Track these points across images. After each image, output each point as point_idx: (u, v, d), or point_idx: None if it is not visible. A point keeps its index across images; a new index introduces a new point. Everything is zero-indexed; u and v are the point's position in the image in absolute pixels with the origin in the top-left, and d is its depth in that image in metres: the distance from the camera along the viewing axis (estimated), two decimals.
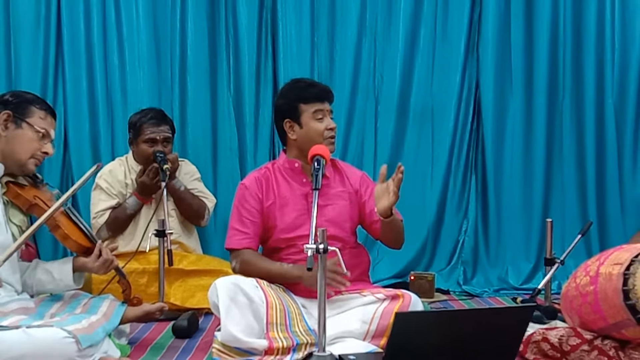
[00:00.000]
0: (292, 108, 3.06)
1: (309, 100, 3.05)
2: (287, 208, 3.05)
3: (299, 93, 3.08)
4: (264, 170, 3.16)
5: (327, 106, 3.09)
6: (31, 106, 2.68)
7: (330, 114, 3.09)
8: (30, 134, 2.65)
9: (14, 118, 2.62)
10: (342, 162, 3.29)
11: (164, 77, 4.28)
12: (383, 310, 2.81)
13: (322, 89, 3.13)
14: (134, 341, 3.02)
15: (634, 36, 4.35)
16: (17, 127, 2.63)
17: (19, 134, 2.63)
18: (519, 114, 4.40)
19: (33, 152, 2.66)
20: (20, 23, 4.18)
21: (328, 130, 3.04)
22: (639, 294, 2.44)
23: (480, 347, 2.32)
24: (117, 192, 3.77)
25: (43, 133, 2.67)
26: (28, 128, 2.64)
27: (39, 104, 2.72)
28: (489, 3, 4.35)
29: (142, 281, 3.49)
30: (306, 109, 3.05)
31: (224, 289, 2.77)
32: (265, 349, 2.68)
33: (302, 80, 3.22)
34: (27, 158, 2.65)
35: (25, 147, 2.64)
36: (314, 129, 3.04)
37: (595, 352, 2.56)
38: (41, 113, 2.69)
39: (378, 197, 2.79)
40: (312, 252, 2.47)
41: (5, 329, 2.28)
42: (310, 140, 3.03)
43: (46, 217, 2.58)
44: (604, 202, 4.40)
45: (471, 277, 4.38)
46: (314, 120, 3.04)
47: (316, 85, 3.17)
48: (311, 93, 3.07)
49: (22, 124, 2.64)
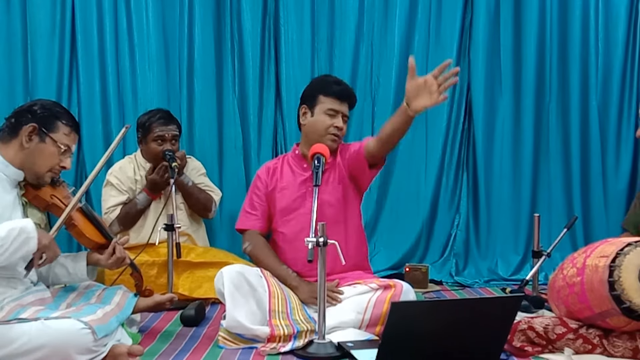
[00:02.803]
0: (312, 96, 3.08)
1: (329, 93, 3.05)
2: (287, 191, 3.09)
3: (324, 85, 3.10)
4: (276, 160, 3.25)
5: (344, 108, 3.07)
6: (57, 121, 2.59)
7: (345, 117, 3.08)
8: (52, 149, 2.57)
9: (39, 132, 2.54)
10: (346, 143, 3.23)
11: (172, 79, 4.27)
12: (376, 300, 2.81)
13: (347, 89, 3.12)
14: (144, 329, 3.01)
15: (617, 41, 4.34)
16: (40, 141, 2.55)
17: (41, 148, 2.56)
18: (508, 114, 4.39)
19: (52, 166, 2.60)
20: (37, 30, 4.17)
21: (334, 127, 3.03)
22: (623, 285, 2.44)
23: (472, 334, 2.32)
24: (127, 188, 3.77)
25: (64, 149, 2.60)
26: (51, 143, 2.56)
27: (66, 119, 2.62)
28: (480, 9, 4.34)
29: (152, 272, 3.48)
30: (324, 101, 3.05)
31: (229, 277, 2.78)
32: (268, 336, 2.68)
33: (332, 77, 3.21)
34: (45, 172, 2.59)
35: (45, 162, 2.58)
36: (321, 121, 3.04)
37: (580, 340, 2.56)
38: (66, 129, 2.61)
39: (413, 95, 2.66)
40: (312, 245, 2.48)
41: (24, 321, 2.27)
42: (314, 131, 3.04)
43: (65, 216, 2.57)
44: (588, 197, 4.39)
45: (463, 268, 4.37)
46: (325, 115, 3.04)
47: (343, 84, 3.14)
48: (334, 89, 3.07)
49: (46, 138, 2.56)
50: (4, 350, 2.21)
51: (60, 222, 2.57)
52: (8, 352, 2.21)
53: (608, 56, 4.35)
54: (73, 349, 2.24)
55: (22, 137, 2.53)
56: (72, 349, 2.24)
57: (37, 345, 2.22)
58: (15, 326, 2.25)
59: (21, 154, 2.55)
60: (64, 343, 2.23)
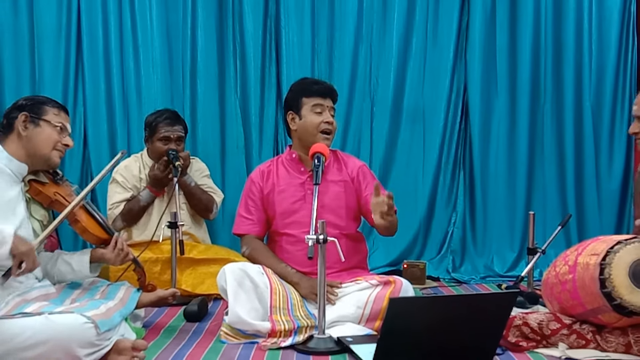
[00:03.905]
0: (295, 101, 3.07)
1: (311, 94, 3.04)
2: (285, 194, 3.06)
3: (303, 87, 3.09)
4: (269, 163, 3.20)
5: (328, 102, 3.06)
6: (44, 105, 2.67)
7: (332, 111, 3.07)
8: (49, 129, 2.64)
9: (31, 118, 2.61)
10: (343, 152, 3.27)
11: (176, 80, 4.27)
12: (376, 296, 2.81)
13: (325, 86, 3.11)
14: (148, 324, 3.01)
15: (610, 44, 4.35)
16: (35, 126, 2.62)
17: (38, 132, 2.62)
18: (504, 114, 4.39)
19: (54, 144, 2.64)
20: (44, 32, 4.16)
21: (324, 123, 3.01)
22: (614, 282, 2.44)
23: (468, 329, 2.32)
24: (132, 186, 3.77)
25: (60, 127, 2.66)
26: (46, 125, 2.63)
27: (51, 102, 2.71)
28: (476, 12, 4.34)
29: (156, 269, 3.48)
30: (307, 102, 3.04)
31: (231, 274, 2.78)
32: (269, 331, 2.68)
33: (309, 78, 3.22)
34: (50, 151, 2.64)
35: (46, 142, 2.63)
36: (310, 120, 3.02)
37: (574, 336, 2.56)
38: (54, 110, 2.68)
39: (374, 210, 2.72)
40: (312, 242, 2.49)
41: (29, 315, 2.27)
42: (306, 132, 3.03)
43: (66, 212, 2.57)
44: (582, 196, 4.39)
45: (459, 265, 4.37)
46: (313, 113, 3.02)
47: (320, 83, 3.14)
48: (314, 88, 3.06)
49: (40, 122, 2.63)
50: (8, 344, 2.21)
51: (61, 218, 2.57)
52: (12, 345, 2.21)
53: (601, 58, 4.36)
54: (76, 343, 2.24)
55: (18, 128, 2.60)
56: (75, 343, 2.24)
57: (41, 339, 2.21)
58: (19, 320, 2.24)
59: (22, 143, 2.60)
60: (67, 337, 2.23)
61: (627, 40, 4.35)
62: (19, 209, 2.54)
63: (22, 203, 2.58)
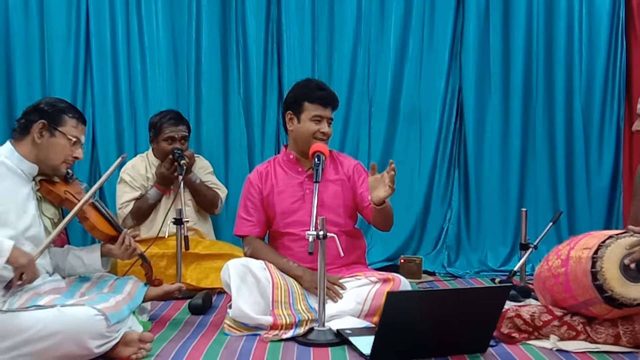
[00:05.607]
0: (297, 103, 3.03)
1: (314, 101, 3.00)
2: (284, 194, 3.05)
3: (307, 92, 3.03)
4: (266, 164, 3.17)
5: (328, 113, 3.03)
6: (64, 115, 2.59)
7: (329, 121, 3.05)
8: (63, 142, 2.58)
9: (49, 127, 2.55)
10: (339, 152, 3.27)
11: (181, 82, 4.26)
12: (375, 292, 2.81)
13: (329, 94, 3.05)
14: (154, 317, 3.01)
15: (599, 46, 4.34)
16: (51, 136, 2.56)
17: (52, 142, 2.56)
18: (497, 114, 4.39)
19: (65, 158, 2.60)
20: (53, 35, 4.16)
21: (320, 133, 3.00)
22: (605, 275, 2.44)
23: (463, 322, 2.32)
24: (139, 185, 3.77)
25: (75, 140, 2.61)
26: (61, 136, 2.57)
27: (72, 112, 2.62)
28: (471, 16, 4.34)
29: (162, 264, 3.48)
30: (308, 108, 3.01)
31: (235, 269, 2.78)
32: (271, 324, 2.68)
33: (314, 81, 3.15)
34: (60, 163, 2.60)
35: (58, 154, 2.58)
36: (306, 127, 3.01)
37: (565, 327, 2.56)
38: (73, 122, 2.61)
39: (372, 187, 2.74)
40: (312, 238, 2.49)
41: (42, 307, 2.27)
42: (301, 136, 3.02)
43: (76, 210, 2.57)
44: (573, 193, 4.39)
45: (454, 260, 4.37)
46: (311, 122, 3.00)
47: (325, 89, 3.07)
48: (318, 95, 3.02)
49: (56, 132, 2.56)
50: (22, 335, 2.21)
51: (71, 216, 2.57)
52: (26, 337, 2.21)
53: (591, 60, 4.36)
54: (87, 334, 2.24)
55: (34, 134, 2.54)
56: (86, 334, 2.24)
57: (54, 330, 2.22)
58: (33, 313, 2.25)
59: (35, 149, 2.55)
60: (79, 329, 2.23)
61: (616, 43, 4.35)
62: (30, 207, 2.54)
63: (33, 202, 2.57)
